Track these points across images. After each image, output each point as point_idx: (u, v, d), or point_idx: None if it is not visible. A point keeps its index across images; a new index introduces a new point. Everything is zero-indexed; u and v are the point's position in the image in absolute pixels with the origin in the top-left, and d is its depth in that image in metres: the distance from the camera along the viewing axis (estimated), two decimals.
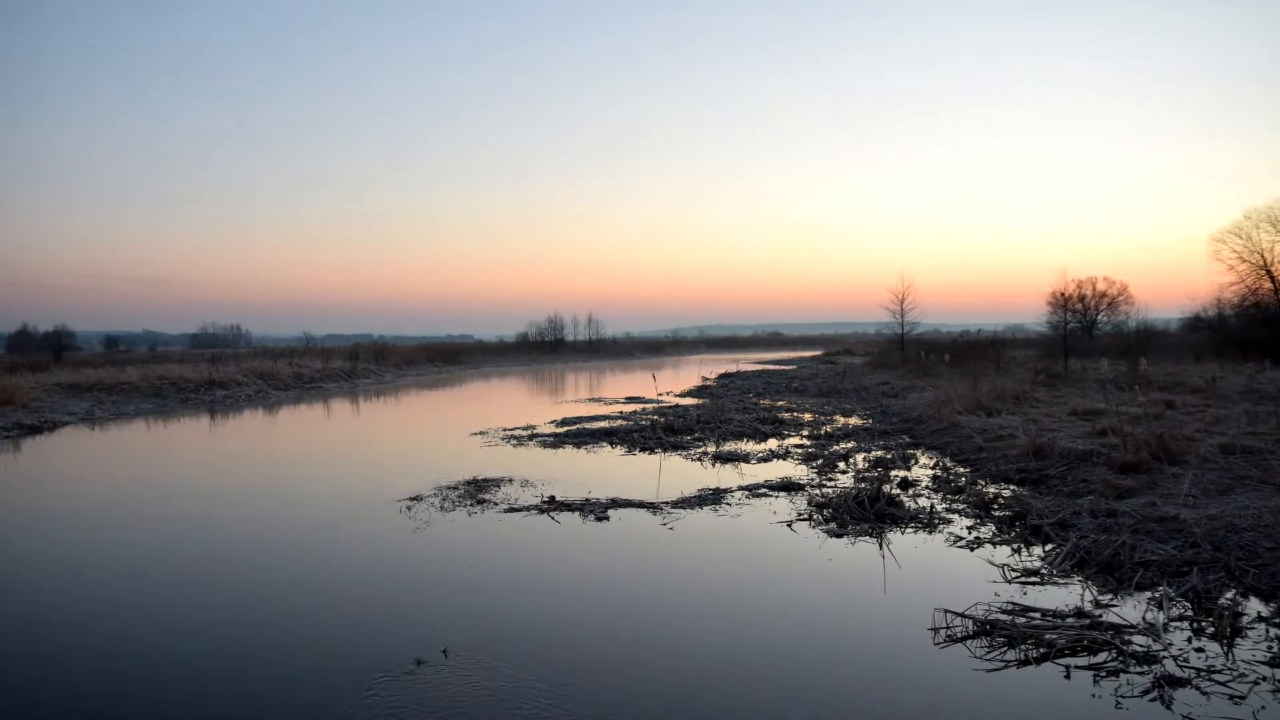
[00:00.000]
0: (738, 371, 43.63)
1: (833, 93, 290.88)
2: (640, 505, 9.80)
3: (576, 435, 16.84)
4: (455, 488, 11.10)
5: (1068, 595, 6.15)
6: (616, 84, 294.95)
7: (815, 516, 9.06)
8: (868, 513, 8.89)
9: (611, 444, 15.64)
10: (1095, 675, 4.74)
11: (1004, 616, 5.63)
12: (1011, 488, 10.22)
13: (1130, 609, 5.78)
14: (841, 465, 12.50)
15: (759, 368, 50.30)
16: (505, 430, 18.25)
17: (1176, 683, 4.58)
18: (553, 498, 10.20)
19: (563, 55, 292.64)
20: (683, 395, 28.54)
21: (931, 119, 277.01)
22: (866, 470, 11.81)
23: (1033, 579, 6.57)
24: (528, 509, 9.73)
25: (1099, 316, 46.73)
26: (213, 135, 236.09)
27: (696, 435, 16.38)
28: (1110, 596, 6.07)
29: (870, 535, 8.25)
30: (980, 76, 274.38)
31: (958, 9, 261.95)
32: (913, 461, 12.64)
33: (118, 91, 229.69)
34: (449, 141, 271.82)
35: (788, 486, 10.78)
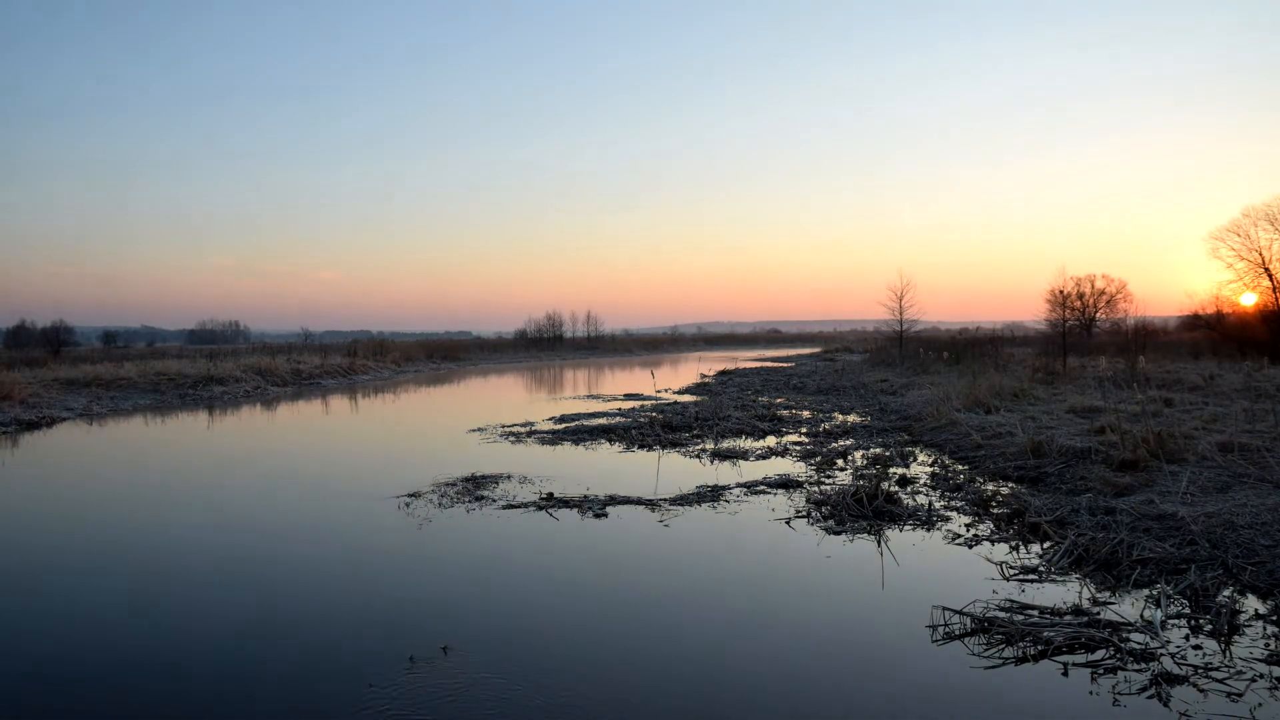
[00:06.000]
0: (736, 369, 43.59)
1: (831, 91, 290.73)
2: (639, 502, 9.79)
3: (575, 432, 16.83)
4: (453, 484, 11.09)
5: (1066, 593, 6.16)
6: (614, 85, 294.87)
7: (813, 514, 9.07)
8: (866, 510, 8.90)
9: (610, 441, 15.63)
10: (1093, 672, 4.75)
11: (1002, 614, 5.63)
12: (1010, 485, 10.23)
13: (1128, 606, 5.79)
14: (840, 463, 12.51)
15: (757, 365, 50.25)
16: (504, 427, 18.24)
17: (1174, 680, 4.58)
18: (551, 494, 10.20)
19: (563, 56, 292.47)
20: (681, 392, 28.55)
21: (930, 117, 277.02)
22: (865, 468, 11.81)
23: (1031, 576, 6.58)
24: (526, 506, 9.73)
25: (1097, 314, 46.86)
26: (211, 131, 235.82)
27: (695, 432, 16.36)
28: (1108, 594, 6.08)
29: (868, 533, 8.25)
30: (979, 74, 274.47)
31: (956, 7, 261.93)
32: (911, 459, 12.65)
33: (117, 86, 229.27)
34: (447, 139, 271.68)
35: (786, 484, 10.78)
